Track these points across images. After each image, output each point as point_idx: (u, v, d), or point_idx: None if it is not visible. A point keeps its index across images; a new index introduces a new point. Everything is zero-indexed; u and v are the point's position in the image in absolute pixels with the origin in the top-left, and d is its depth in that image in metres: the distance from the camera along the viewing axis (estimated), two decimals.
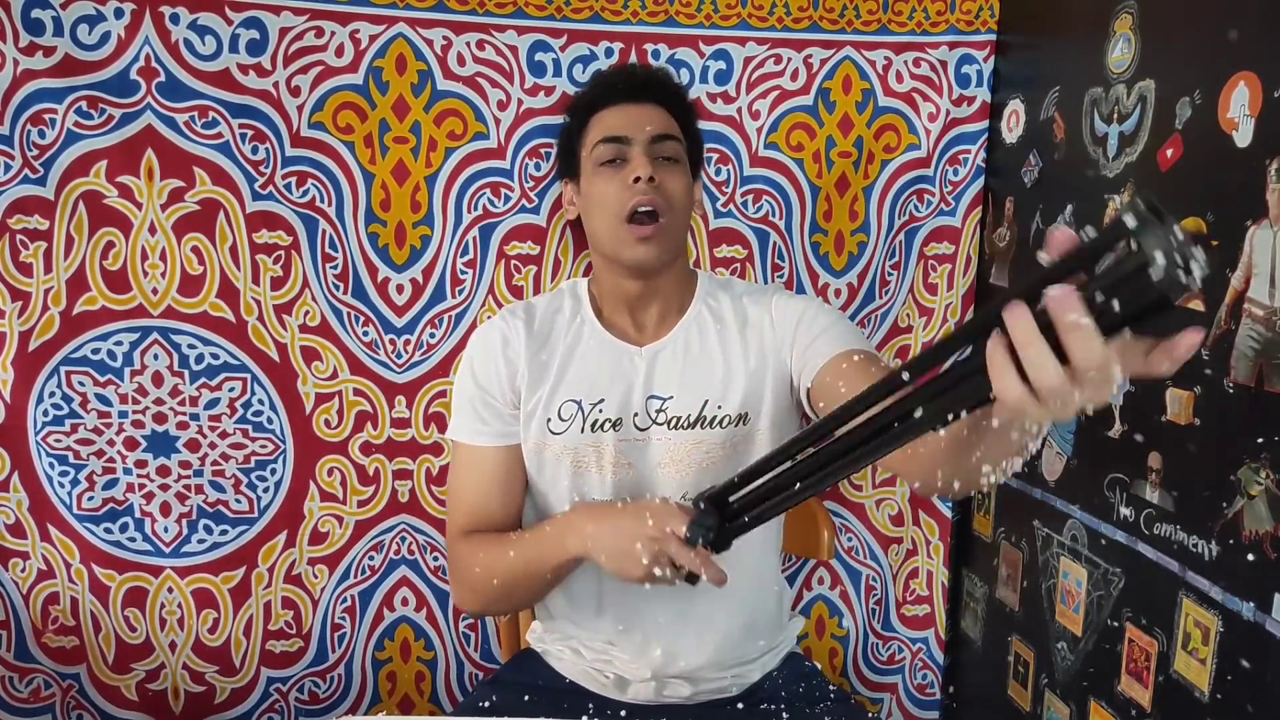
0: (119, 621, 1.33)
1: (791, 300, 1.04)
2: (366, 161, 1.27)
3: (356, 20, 1.24)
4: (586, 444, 1.00)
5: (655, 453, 1.00)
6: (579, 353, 1.02)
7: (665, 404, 1.00)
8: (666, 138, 0.99)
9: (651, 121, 0.99)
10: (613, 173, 0.98)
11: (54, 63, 1.17)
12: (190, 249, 1.25)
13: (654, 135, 0.98)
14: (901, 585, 1.49)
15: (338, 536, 1.35)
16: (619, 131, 0.98)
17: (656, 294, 1.02)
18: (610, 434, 1.00)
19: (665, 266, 0.99)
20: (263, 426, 1.31)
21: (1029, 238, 1.27)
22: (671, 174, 0.98)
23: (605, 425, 1.00)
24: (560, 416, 1.00)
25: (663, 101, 1.02)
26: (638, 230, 0.95)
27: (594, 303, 1.05)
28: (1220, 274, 0.89)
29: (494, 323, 1.04)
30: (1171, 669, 0.96)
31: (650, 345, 1.02)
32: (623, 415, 1.00)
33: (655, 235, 0.95)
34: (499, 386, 1.01)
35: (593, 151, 0.99)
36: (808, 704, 1.02)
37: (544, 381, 1.01)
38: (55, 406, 1.26)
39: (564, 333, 1.03)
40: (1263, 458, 0.84)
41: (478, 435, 1.01)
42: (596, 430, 1.00)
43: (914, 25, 1.33)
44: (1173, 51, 0.98)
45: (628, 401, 1.00)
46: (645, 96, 1.01)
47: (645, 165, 0.96)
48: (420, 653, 1.41)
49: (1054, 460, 1.20)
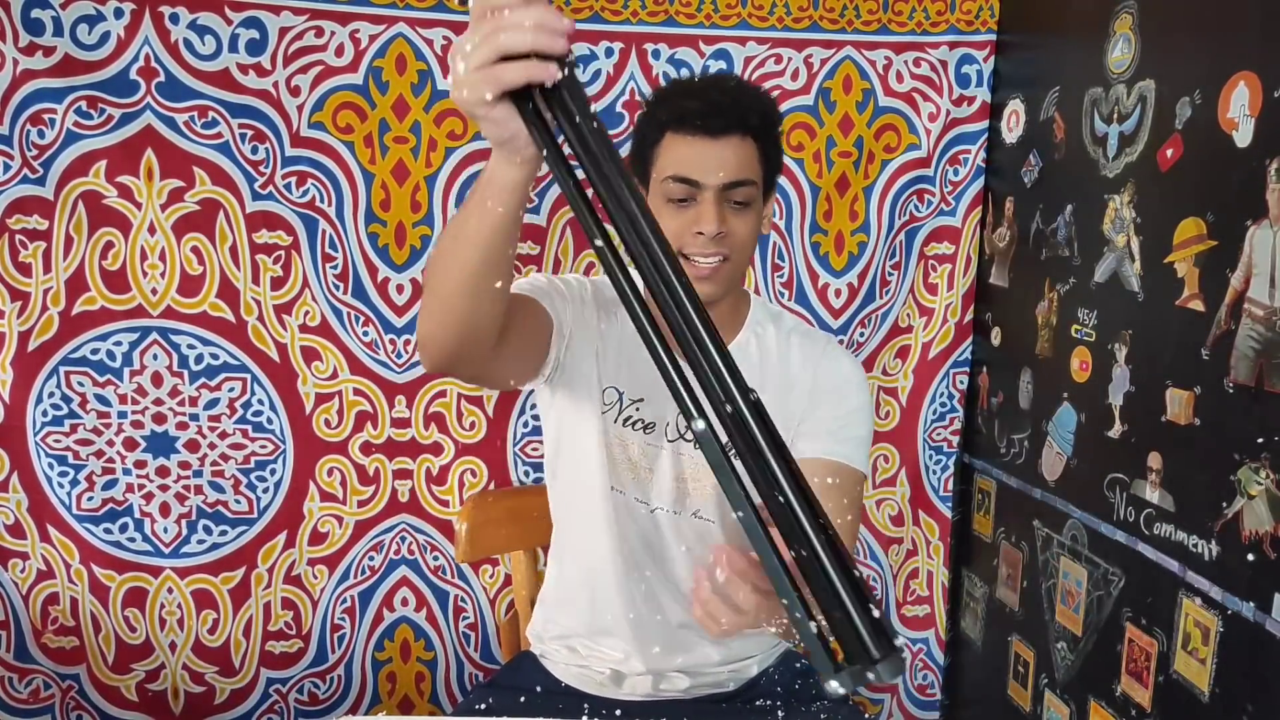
0: (119, 622, 1.33)
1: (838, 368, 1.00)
2: (366, 161, 1.27)
3: (356, 20, 1.23)
4: (614, 436, 0.99)
5: (676, 465, 1.00)
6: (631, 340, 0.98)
7: None
8: (740, 184, 0.91)
9: (726, 165, 0.90)
10: (679, 211, 0.91)
11: (54, 63, 1.17)
12: (190, 249, 1.25)
13: (727, 183, 0.90)
14: (901, 585, 1.49)
15: (337, 537, 1.35)
16: (690, 174, 0.90)
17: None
18: (640, 435, 0.99)
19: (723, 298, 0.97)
20: (262, 427, 1.31)
21: (1029, 237, 1.27)
22: (741, 219, 0.92)
23: (638, 425, 0.99)
24: (604, 400, 0.98)
25: (746, 129, 0.91)
26: (695, 269, 0.91)
27: None
28: (1220, 274, 0.89)
29: (568, 276, 0.99)
30: (1171, 669, 0.96)
31: None
32: (656, 421, 0.99)
33: (713, 275, 0.92)
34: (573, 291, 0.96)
35: (661, 181, 0.92)
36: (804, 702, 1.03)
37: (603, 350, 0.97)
38: (55, 407, 1.26)
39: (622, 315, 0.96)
40: (1263, 458, 0.84)
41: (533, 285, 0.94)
42: (628, 426, 0.99)
43: (914, 25, 1.33)
44: (1173, 51, 0.98)
45: (665, 410, 0.99)
46: (726, 128, 0.90)
47: (713, 221, 0.89)
48: (420, 653, 1.41)
49: (1054, 460, 1.20)
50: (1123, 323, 1.05)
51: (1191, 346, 0.93)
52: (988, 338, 1.40)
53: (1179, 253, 0.95)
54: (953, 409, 1.44)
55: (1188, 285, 0.94)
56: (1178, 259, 0.95)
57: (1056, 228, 1.20)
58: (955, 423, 1.44)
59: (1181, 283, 0.95)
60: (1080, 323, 1.14)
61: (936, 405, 1.44)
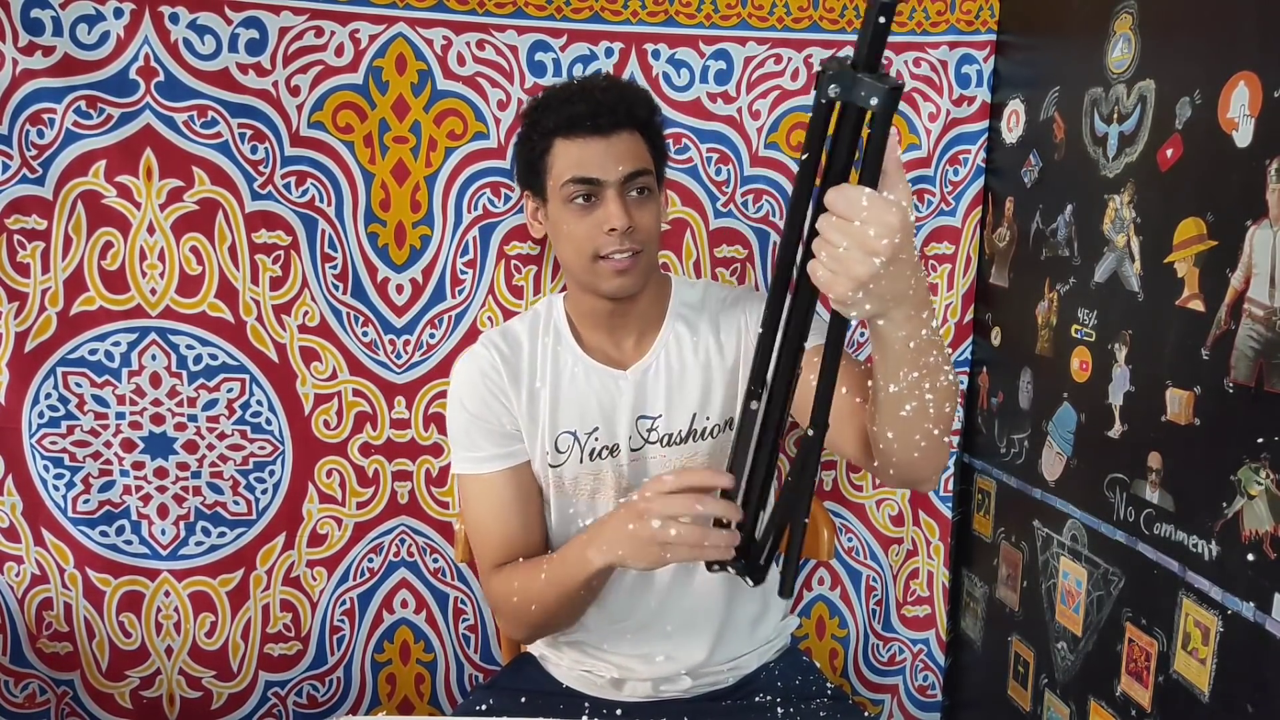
0: (113, 627, 1.32)
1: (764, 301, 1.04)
2: (366, 161, 1.27)
3: (356, 20, 1.23)
4: (586, 473, 1.01)
5: (653, 470, 1.01)
6: (565, 382, 1.01)
7: (655, 423, 1.01)
8: (639, 174, 0.93)
9: (623, 158, 0.92)
10: (583, 212, 0.93)
11: (53, 62, 1.17)
12: (189, 249, 1.25)
13: (626, 175, 0.92)
14: (902, 586, 1.49)
15: (337, 538, 1.35)
16: (590, 173, 0.92)
17: (632, 313, 1.01)
18: (608, 460, 1.01)
19: (641, 290, 0.98)
20: (261, 427, 1.31)
21: (1029, 238, 1.27)
22: (645, 208, 0.94)
23: (603, 453, 1.01)
24: (558, 449, 1.01)
25: (634, 124, 0.95)
26: (613, 265, 0.93)
27: (572, 326, 1.04)
28: (1220, 274, 0.89)
29: (476, 355, 1.03)
30: (1171, 669, 0.96)
31: (634, 366, 1.02)
32: (617, 440, 1.01)
33: (631, 268, 0.94)
34: (492, 412, 1.01)
35: (561, 186, 0.93)
36: (803, 699, 1.03)
37: (538, 416, 1.01)
38: (51, 408, 1.25)
39: (548, 361, 1.02)
40: (1263, 458, 0.84)
41: (482, 464, 1.00)
42: (595, 459, 1.01)
43: (914, 25, 1.33)
44: (1173, 51, 0.98)
45: (619, 426, 1.01)
46: (616, 125, 0.93)
47: (621, 215, 0.91)
48: (420, 655, 1.41)
49: (1054, 460, 1.20)
50: (1123, 323, 1.05)
51: (1191, 346, 0.93)
52: (988, 338, 1.40)
53: (1179, 253, 0.95)
54: None
55: (1188, 285, 0.94)
56: (1178, 259, 0.96)
57: (1056, 228, 1.20)
58: (955, 422, 1.44)
59: (1181, 283, 0.95)
60: (1080, 323, 1.14)
61: None
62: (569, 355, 1.02)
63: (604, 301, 0.98)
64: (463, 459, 1.01)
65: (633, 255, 0.93)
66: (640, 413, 1.01)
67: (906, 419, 0.76)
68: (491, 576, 1.00)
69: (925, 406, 0.75)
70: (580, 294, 1.01)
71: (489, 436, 1.00)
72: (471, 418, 1.00)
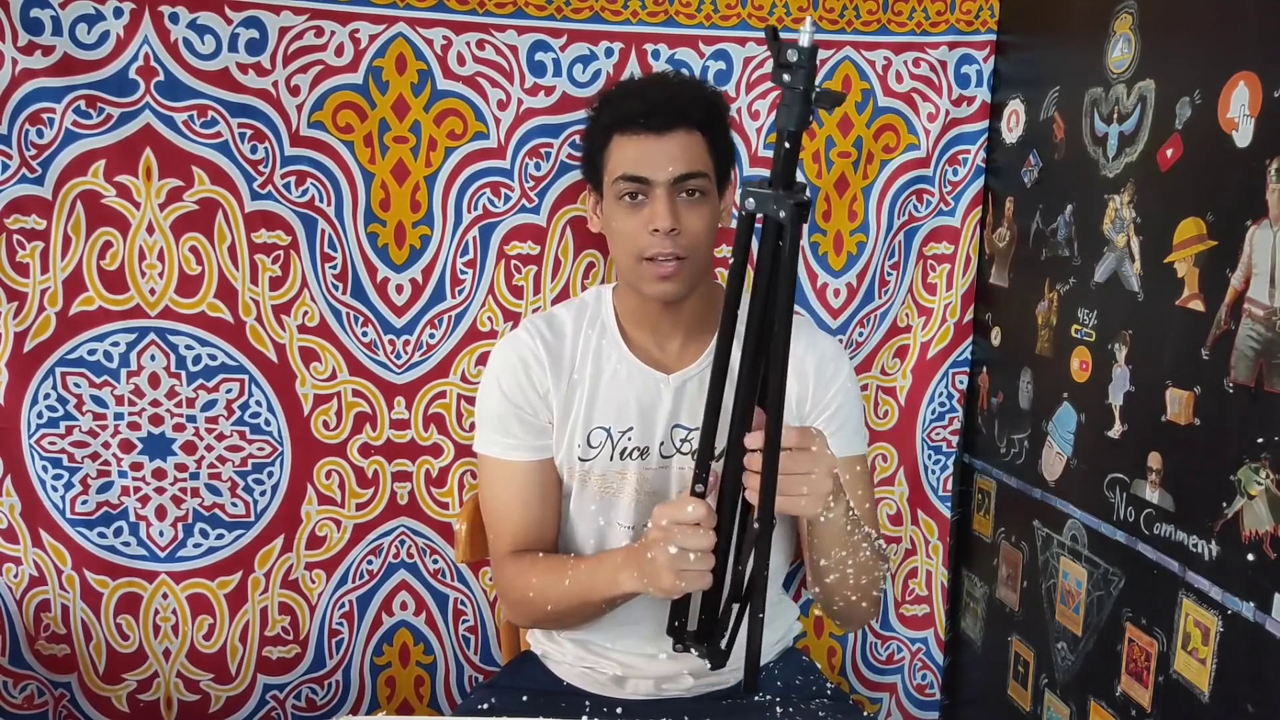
0: (110, 630, 1.31)
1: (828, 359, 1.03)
2: (366, 161, 1.27)
3: (356, 20, 1.23)
4: (614, 471, 1.01)
5: (675, 481, 1.01)
6: (607, 378, 1.00)
7: (690, 435, 1.00)
8: (690, 176, 0.92)
9: (675, 159, 0.91)
10: (633, 210, 0.93)
11: (52, 62, 1.17)
12: (188, 249, 1.25)
13: (676, 176, 0.91)
14: (901, 585, 1.49)
15: (336, 540, 1.34)
16: (639, 171, 0.92)
17: (680, 319, 1.00)
18: (636, 462, 1.01)
19: (687, 296, 0.98)
20: (260, 428, 1.30)
21: (1029, 238, 1.27)
22: (695, 212, 0.93)
23: (633, 454, 1.00)
24: (590, 444, 1.00)
25: (690, 124, 0.93)
26: (657, 269, 0.93)
27: (618, 320, 1.03)
28: (1220, 274, 0.89)
29: (519, 341, 1.02)
30: (1171, 669, 0.96)
31: (677, 374, 1.01)
32: (649, 444, 1.00)
33: (674, 275, 0.93)
34: (529, 403, 1.00)
35: (614, 183, 0.94)
36: (803, 698, 1.03)
37: (573, 407, 1.00)
38: (50, 409, 1.25)
39: (590, 355, 1.01)
40: (1263, 458, 0.84)
41: (510, 450, 1.00)
42: (624, 458, 1.00)
43: (914, 25, 1.33)
44: (1173, 51, 0.98)
45: (654, 431, 1.00)
46: (670, 124, 0.92)
47: (666, 216, 0.90)
48: (419, 657, 1.41)
49: (1054, 460, 1.20)
50: (1123, 323, 1.05)
51: (1191, 346, 0.93)
52: (987, 338, 1.41)
53: (1179, 253, 0.96)
54: (952, 409, 1.44)
55: (1188, 285, 0.94)
56: (1178, 259, 0.96)
57: (1056, 228, 1.20)
58: (955, 422, 1.44)
59: (1181, 283, 0.95)
60: (1080, 323, 1.14)
61: (936, 405, 1.44)
62: (614, 351, 1.01)
63: (651, 302, 0.98)
64: (491, 441, 1.01)
65: (676, 261, 0.92)
66: (677, 421, 1.00)
67: (830, 585, 0.92)
68: (506, 562, 1.00)
69: (846, 578, 0.91)
70: (628, 291, 1.01)
71: (523, 425, 1.00)
72: (507, 403, 1.00)
